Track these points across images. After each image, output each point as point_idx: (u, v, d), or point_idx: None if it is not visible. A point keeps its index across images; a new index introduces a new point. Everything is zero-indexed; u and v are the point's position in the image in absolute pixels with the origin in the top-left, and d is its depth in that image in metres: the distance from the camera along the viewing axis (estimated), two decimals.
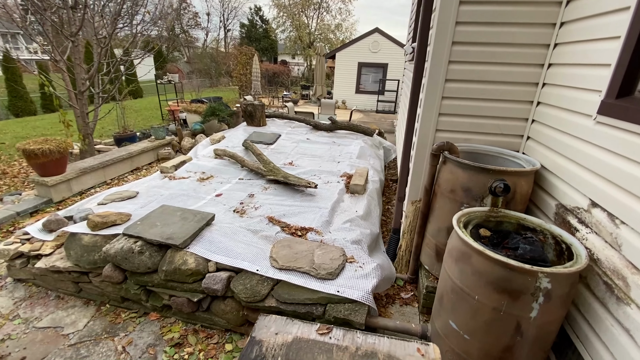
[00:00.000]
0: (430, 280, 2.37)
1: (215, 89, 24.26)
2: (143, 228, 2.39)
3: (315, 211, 3.06)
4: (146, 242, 2.30)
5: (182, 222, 2.49)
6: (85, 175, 4.30)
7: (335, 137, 5.54)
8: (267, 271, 2.18)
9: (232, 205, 3.22)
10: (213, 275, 2.16)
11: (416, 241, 2.54)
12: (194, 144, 5.65)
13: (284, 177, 3.63)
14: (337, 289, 2.08)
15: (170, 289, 2.25)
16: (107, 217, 2.56)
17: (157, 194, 3.49)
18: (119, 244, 2.29)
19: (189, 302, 2.23)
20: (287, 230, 2.71)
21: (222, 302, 2.19)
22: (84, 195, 4.26)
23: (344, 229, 2.82)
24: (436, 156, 2.23)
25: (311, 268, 2.20)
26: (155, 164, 5.53)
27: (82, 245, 2.44)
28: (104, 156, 4.71)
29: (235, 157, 4.33)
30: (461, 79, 2.34)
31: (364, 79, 16.53)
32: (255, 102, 5.78)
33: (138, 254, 2.23)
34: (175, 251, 2.26)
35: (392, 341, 1.32)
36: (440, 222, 2.27)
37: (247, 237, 2.58)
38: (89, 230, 2.52)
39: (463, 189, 2.07)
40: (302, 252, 2.37)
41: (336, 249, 2.43)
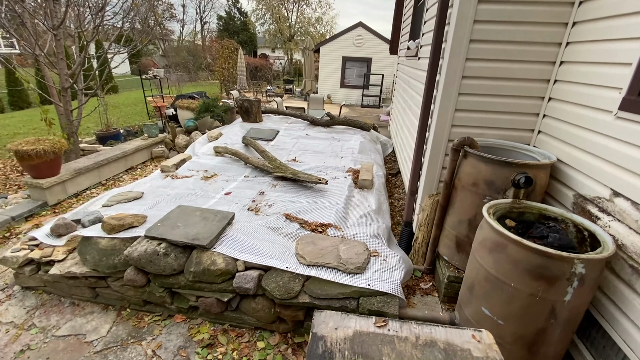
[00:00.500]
0: (451, 270, 2.47)
1: (194, 83, 23.59)
2: (165, 229, 2.34)
3: (329, 207, 3.09)
4: (170, 244, 2.25)
5: (204, 222, 2.46)
6: (80, 176, 4.12)
7: (334, 133, 5.57)
8: (297, 268, 2.20)
9: (244, 203, 3.19)
10: (243, 275, 2.15)
11: (434, 233, 2.62)
12: (189, 141, 5.51)
13: (292, 174, 3.63)
14: (367, 283, 2.13)
15: (197, 290, 2.23)
16: (123, 219, 2.48)
17: (163, 194, 3.41)
18: (142, 246, 2.24)
19: (219, 302, 2.21)
20: (307, 226, 2.73)
21: (252, 301, 2.19)
22: (80, 197, 4.08)
23: (361, 224, 2.87)
24: (457, 151, 2.31)
25: (339, 263, 2.23)
26: (149, 162, 5.36)
27: (99, 249, 2.36)
28: (98, 155, 4.52)
29: (238, 154, 4.27)
30: (477, 76, 2.43)
31: (349, 74, 16.58)
32: (251, 98, 5.69)
33: (163, 256, 2.19)
34: (201, 252, 2.24)
35: (447, 329, 1.38)
36: (461, 214, 2.36)
37: (268, 235, 2.58)
38: (105, 234, 2.43)
39: (486, 182, 2.16)
40: (327, 248, 2.40)
41: (359, 243, 2.47)
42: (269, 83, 21.81)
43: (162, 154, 5.44)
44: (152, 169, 5.12)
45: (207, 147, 4.82)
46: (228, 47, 15.63)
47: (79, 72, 5.00)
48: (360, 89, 16.07)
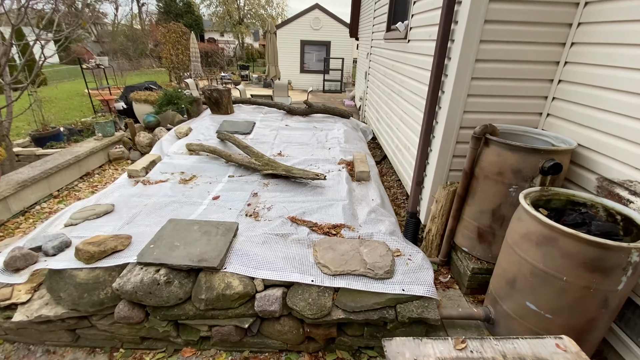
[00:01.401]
0: (473, 261, 2.41)
1: (138, 72, 21.49)
2: (162, 251, 1.96)
3: (335, 205, 2.88)
4: (171, 269, 1.90)
5: (207, 238, 2.11)
6: (25, 190, 3.43)
7: (315, 122, 5.29)
8: (323, 280, 1.98)
9: (239, 208, 2.86)
10: (265, 296, 1.88)
11: (451, 225, 2.54)
12: (153, 139, 4.89)
13: (286, 171, 3.34)
14: (401, 288, 1.98)
15: (211, 318, 1.91)
16: (104, 243, 2.05)
17: (138, 204, 2.94)
18: (136, 276, 1.85)
19: (237, 329, 1.93)
20: (318, 229, 2.50)
21: (276, 323, 1.94)
22: (29, 214, 3.42)
23: (372, 221, 2.70)
24: (479, 139, 2.20)
25: (367, 269, 2.05)
26: (107, 166, 4.68)
27: (77, 283, 1.92)
28: (45, 163, 3.80)
29: (217, 151, 3.85)
30: (491, 59, 2.32)
31: (308, 58, 16.16)
32: (220, 87, 5.17)
33: (165, 285, 1.83)
34: (211, 274, 1.91)
35: (529, 341, 1.27)
36: (483, 204, 2.28)
37: (279, 244, 2.31)
38: (82, 264, 1.99)
39: (513, 171, 2.08)
40: (348, 253, 2.20)
41: (379, 244, 2.31)
42: (222, 69, 20.58)
43: (121, 155, 4.78)
44: (113, 173, 4.48)
45: (177, 145, 4.30)
46: (175, 31, 14.33)
47: (5, 63, 4.13)
48: (321, 74, 15.76)
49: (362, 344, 2.01)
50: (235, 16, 29.33)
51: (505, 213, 2.19)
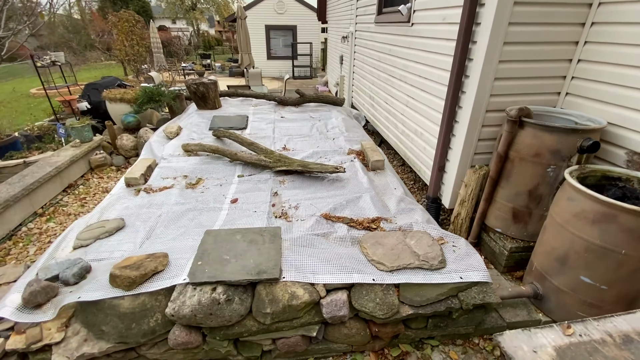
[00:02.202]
0: (510, 241, 2.48)
1: (85, 66, 19.59)
2: (214, 268, 1.81)
3: (362, 197, 2.83)
4: (228, 286, 1.76)
5: (256, 247, 1.98)
6: (7, 211, 3.02)
7: (309, 112, 5.14)
8: (384, 278, 1.94)
9: (263, 210, 2.72)
10: (331, 301, 1.81)
11: (482, 207, 2.59)
12: (138, 141, 4.48)
13: (302, 166, 3.21)
14: (459, 276, 1.99)
15: (275, 331, 1.81)
16: (142, 265, 1.85)
17: (151, 215, 2.70)
18: (191, 298, 1.70)
19: (304, 338, 1.85)
20: (358, 225, 2.44)
21: (342, 327, 1.88)
22: (17, 238, 3.02)
23: (404, 211, 2.69)
24: (514, 122, 2.23)
25: (421, 261, 2.04)
26: (90, 175, 4.24)
27: (121, 314, 1.73)
28: (23, 177, 3.35)
29: (220, 150, 3.62)
30: (517, 41, 2.33)
31: (274, 44, 15.63)
32: (206, 80, 4.82)
33: (226, 304, 1.70)
34: (270, 286, 1.80)
35: (624, 317, 1.33)
36: (519, 186, 2.34)
37: (323, 245, 2.23)
38: (122, 291, 1.79)
39: (550, 152, 2.14)
40: (397, 246, 2.17)
41: (423, 234, 2.30)
42: (180, 59, 19.34)
43: (103, 161, 4.35)
44: (99, 182, 4.07)
45: (170, 146, 3.98)
46: (127, 20, 13.14)
47: None
48: (290, 60, 15.35)
49: (424, 335, 2.03)
50: (187, 1, 27.48)
51: (543, 193, 2.27)
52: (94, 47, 20.34)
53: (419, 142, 3.47)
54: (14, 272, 2.64)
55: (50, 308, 1.85)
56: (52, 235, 3.10)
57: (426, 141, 3.28)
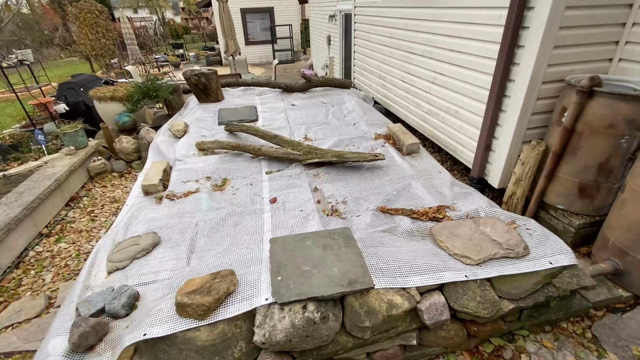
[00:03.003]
0: (576, 217, 2.39)
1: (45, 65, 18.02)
2: (299, 282, 1.59)
3: (413, 185, 2.66)
4: (319, 301, 1.55)
5: (333, 253, 1.77)
6: (10, 235, 2.64)
7: (318, 97, 4.85)
8: (475, 273, 1.79)
9: (309, 207, 2.50)
10: (430, 305, 1.65)
11: (542, 184, 2.48)
12: (140, 143, 4.07)
13: (337, 156, 2.99)
14: (548, 261, 1.88)
15: (372, 344, 1.64)
16: (212, 288, 1.60)
17: (187, 225, 2.43)
18: (281, 321, 1.48)
19: (402, 348, 1.69)
20: (422, 216, 2.27)
21: (439, 330, 1.73)
22: (26, 265, 2.66)
23: (460, 196, 2.55)
24: (585, 92, 2.09)
25: (505, 250, 1.90)
26: (91, 184, 3.83)
27: (200, 347, 1.49)
28: (19, 195, 2.94)
29: (242, 146, 3.32)
30: (578, 5, 2.17)
31: (252, 28, 14.88)
32: (206, 71, 4.41)
33: (322, 322, 1.50)
34: (361, 296, 1.61)
35: None
36: (588, 159, 2.22)
37: (394, 242, 2.05)
38: (196, 321, 1.54)
39: (626, 122, 2.02)
40: (474, 236, 2.02)
41: (495, 219, 2.16)
42: (150, 51, 18.15)
43: (103, 168, 3.93)
44: (104, 192, 3.68)
45: (181, 145, 3.63)
46: (90, 11, 12.07)
47: None
48: (269, 44, 14.71)
49: (517, 326, 1.92)
50: None
51: (614, 165, 2.17)
52: (51, 43, 18.74)
53: (452, 121, 3.31)
54: (34, 305, 2.34)
55: (106, 349, 1.59)
56: (66, 257, 2.75)
57: (464, 119, 3.12)
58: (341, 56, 8.48)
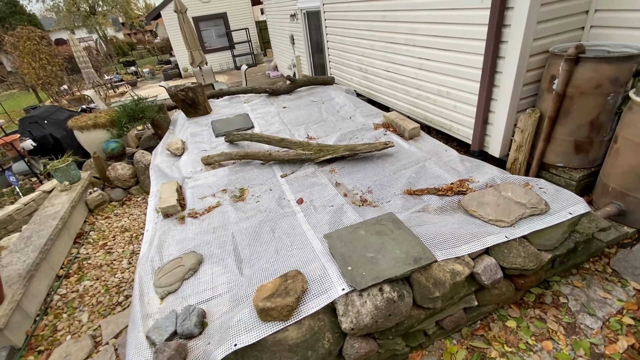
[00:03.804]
0: (575, 171, 2.68)
1: None
2: (369, 268, 1.69)
3: (427, 166, 2.84)
4: (391, 282, 1.67)
5: (389, 237, 1.89)
6: (32, 282, 2.50)
7: (306, 96, 4.92)
8: (513, 233, 1.99)
9: (339, 201, 2.60)
10: (485, 268, 1.82)
11: (541, 147, 2.75)
12: (136, 168, 3.94)
13: (349, 150, 3.10)
14: (567, 212, 2.11)
15: (440, 312, 1.79)
16: (289, 289, 1.66)
17: (224, 238, 2.46)
18: (363, 306, 1.58)
19: (465, 311, 1.85)
20: (448, 192, 2.45)
21: (493, 289, 1.91)
22: (54, 310, 2.53)
23: (473, 168, 2.76)
24: (572, 60, 2.35)
25: (530, 209, 2.12)
26: (94, 218, 3.66)
27: (292, 346, 1.56)
28: (27, 240, 2.77)
29: (251, 154, 3.34)
30: None
31: (207, 36, 14.52)
32: (191, 85, 4.32)
33: (400, 300, 1.62)
34: (425, 270, 1.74)
35: None
36: (580, 119, 2.50)
37: (431, 219, 2.22)
38: (282, 322, 1.60)
39: (610, 81, 2.31)
40: (500, 202, 2.23)
41: (511, 184, 2.38)
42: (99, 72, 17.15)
43: (102, 199, 3.77)
44: (110, 224, 3.54)
45: (185, 163, 3.57)
46: (29, 38, 11.22)
47: None
48: (228, 50, 14.46)
49: (550, 274, 2.15)
50: (84, 5, 24.10)
51: (603, 121, 2.46)
52: None
53: (445, 102, 3.53)
54: (80, 347, 2.27)
55: None
56: (95, 294, 2.66)
57: (456, 99, 3.35)
58: (308, 54, 8.54)
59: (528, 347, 1.84)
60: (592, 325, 1.91)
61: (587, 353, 1.77)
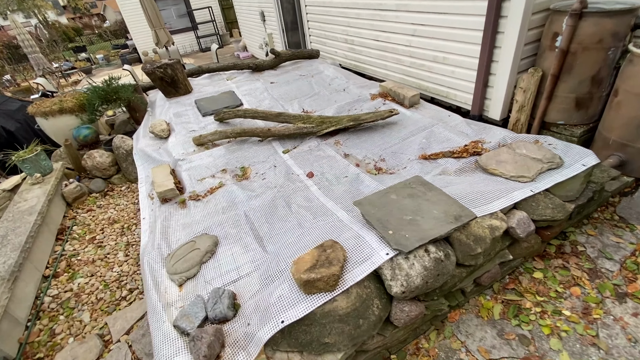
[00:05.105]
0: (576, 127, 2.76)
1: None
2: (411, 229, 1.63)
3: (436, 131, 2.81)
4: (435, 242, 1.62)
5: (423, 199, 1.83)
6: (18, 284, 2.21)
7: (292, 70, 4.69)
8: (537, 187, 2.01)
9: (352, 172, 2.53)
10: (519, 221, 1.82)
11: (543, 106, 2.80)
12: (116, 155, 3.58)
13: (353, 120, 3.00)
14: (581, 164, 2.17)
15: (479, 269, 1.78)
16: (331, 258, 1.56)
17: (237, 218, 2.31)
18: (412, 267, 1.52)
19: (501, 265, 1.86)
20: (464, 154, 2.44)
21: (522, 242, 1.94)
22: (49, 313, 2.26)
23: (480, 131, 2.77)
24: (576, 15, 2.37)
25: (547, 164, 2.15)
26: (74, 212, 3.30)
27: (343, 315, 1.48)
28: (3, 240, 2.44)
29: (248, 131, 3.13)
30: None
31: (167, 16, 13.46)
32: (169, 61, 3.95)
33: (446, 259, 1.58)
34: (464, 229, 1.71)
35: None
36: (582, 74, 2.55)
37: (454, 180, 2.20)
38: (328, 293, 1.51)
39: (612, 35, 2.36)
40: (517, 159, 2.24)
41: (523, 142, 2.40)
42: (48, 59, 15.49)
43: (80, 191, 3.40)
44: (95, 217, 3.22)
45: (174, 145, 3.29)
46: None
47: None
48: (191, 31, 13.56)
49: (567, 225, 2.22)
50: None
51: (603, 75, 2.53)
52: None
53: (441, 68, 3.49)
54: (88, 348, 2.08)
55: (236, 352, 1.49)
56: (94, 291, 2.41)
57: (454, 64, 3.31)
58: (281, 31, 8.18)
59: (558, 294, 1.90)
60: (611, 268, 2.00)
61: (612, 294, 1.86)
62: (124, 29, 18.40)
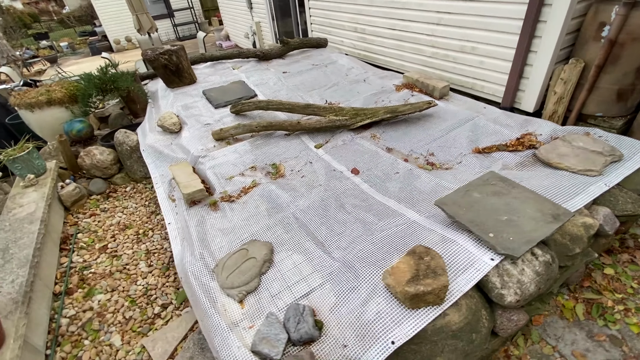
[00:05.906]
0: (616, 119, 2.75)
1: None
2: (513, 232, 1.49)
3: (479, 124, 2.70)
4: (538, 244, 1.49)
5: (511, 197, 1.70)
6: (31, 308, 1.86)
7: (303, 60, 4.41)
8: (610, 180, 1.93)
9: (402, 167, 2.37)
10: (605, 217, 1.74)
11: (583, 97, 2.76)
12: (121, 151, 3.17)
13: (390, 112, 2.83)
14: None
15: (570, 269, 1.68)
16: (433, 266, 1.39)
17: (285, 219, 2.10)
18: (522, 274, 1.39)
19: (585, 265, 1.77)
20: (519, 147, 2.34)
21: (601, 238, 1.86)
22: (71, 337, 1.92)
23: (524, 123, 2.68)
24: (630, 4, 2.32)
25: (608, 156, 2.08)
26: (74, 217, 2.89)
27: (456, 330, 1.32)
28: (5, 254, 2.05)
29: (276, 125, 2.87)
30: None
31: None
32: (172, 47, 3.55)
33: (553, 262, 1.46)
34: (559, 228, 1.60)
35: None
36: (628, 66, 2.52)
37: (519, 174, 2.08)
38: (437, 307, 1.34)
39: None
40: (577, 152, 2.16)
41: (577, 135, 2.33)
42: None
43: (80, 194, 2.99)
44: (100, 223, 2.84)
45: (189, 140, 2.97)
46: None
47: None
48: (167, 19, 12.73)
49: None
50: None
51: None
52: None
53: (468, 58, 3.38)
54: None
55: None
56: (119, 309, 2.10)
57: (484, 54, 3.21)
58: (270, 19, 7.82)
59: (635, 290, 1.85)
60: None
61: None
62: (90, 14, 17.04)
